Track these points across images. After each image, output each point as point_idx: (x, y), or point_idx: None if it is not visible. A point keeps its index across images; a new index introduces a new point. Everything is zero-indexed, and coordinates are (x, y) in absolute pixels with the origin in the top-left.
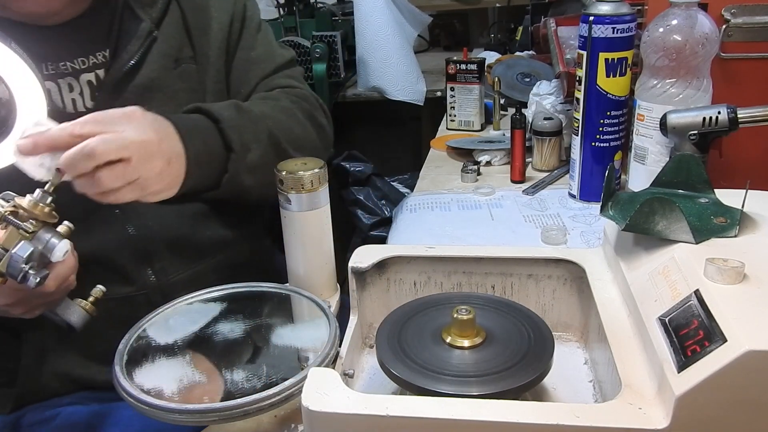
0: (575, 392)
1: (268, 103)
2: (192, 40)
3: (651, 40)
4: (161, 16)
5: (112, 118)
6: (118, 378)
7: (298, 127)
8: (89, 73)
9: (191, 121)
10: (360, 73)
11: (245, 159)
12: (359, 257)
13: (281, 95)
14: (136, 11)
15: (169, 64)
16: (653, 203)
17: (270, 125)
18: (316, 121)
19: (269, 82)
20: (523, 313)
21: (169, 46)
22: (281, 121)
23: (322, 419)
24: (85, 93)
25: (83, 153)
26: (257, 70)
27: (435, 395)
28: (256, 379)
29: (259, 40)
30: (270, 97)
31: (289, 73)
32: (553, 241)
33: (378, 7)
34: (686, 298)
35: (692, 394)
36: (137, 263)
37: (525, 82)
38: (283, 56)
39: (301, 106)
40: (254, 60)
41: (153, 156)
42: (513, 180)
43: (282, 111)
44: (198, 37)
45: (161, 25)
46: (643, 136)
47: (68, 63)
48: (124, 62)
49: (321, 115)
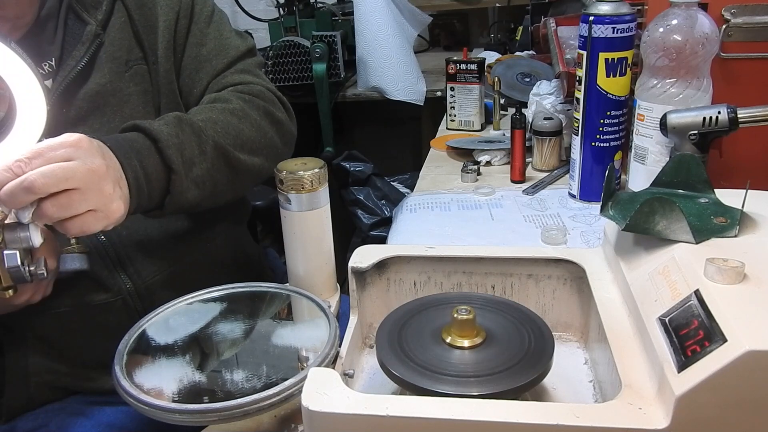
0: (575, 392)
1: (216, 107)
2: (140, 40)
3: (651, 40)
4: (107, 18)
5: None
6: (118, 378)
7: (251, 128)
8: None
9: (128, 142)
10: (360, 73)
11: (190, 175)
12: (359, 257)
13: (232, 96)
14: (81, 14)
15: (119, 68)
16: (653, 203)
17: (216, 133)
18: (273, 117)
19: (220, 80)
20: (523, 313)
21: (118, 49)
22: (230, 126)
23: (322, 419)
24: None
25: (22, 187)
26: (208, 68)
27: (435, 395)
28: (256, 379)
29: (210, 34)
30: (219, 99)
31: (242, 67)
32: (553, 241)
33: (378, 7)
34: (686, 298)
35: (692, 394)
36: (110, 269)
37: (525, 82)
38: (237, 48)
39: (255, 104)
40: (205, 57)
41: (102, 182)
42: (513, 180)
43: (231, 113)
44: (146, 36)
45: (107, 27)
46: (643, 136)
47: None
48: (70, 68)
49: (279, 110)
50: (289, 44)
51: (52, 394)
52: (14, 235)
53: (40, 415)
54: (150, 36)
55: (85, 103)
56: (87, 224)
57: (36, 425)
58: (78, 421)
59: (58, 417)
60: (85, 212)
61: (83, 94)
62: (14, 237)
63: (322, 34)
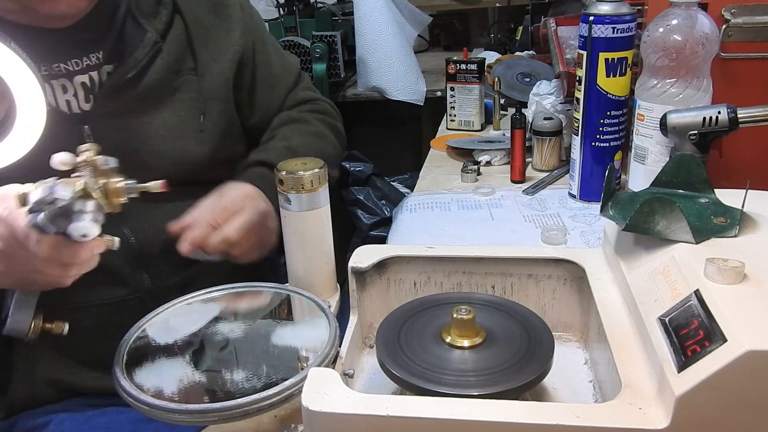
0: (575, 392)
1: (302, 130)
2: (194, 52)
3: (651, 40)
4: (166, 28)
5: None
6: (118, 378)
7: (330, 146)
8: (83, 75)
9: (266, 179)
10: (360, 73)
11: None
12: (359, 257)
13: (311, 117)
14: (140, 21)
15: (170, 75)
16: (653, 203)
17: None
18: (338, 132)
19: (294, 96)
20: (523, 313)
21: (173, 58)
22: (319, 148)
23: (322, 419)
24: (79, 95)
25: (221, 241)
26: (282, 86)
27: (435, 395)
28: (256, 379)
29: (272, 53)
30: (300, 120)
31: (306, 84)
32: (553, 241)
33: (378, 7)
34: (686, 298)
35: (692, 394)
36: (133, 266)
37: (525, 82)
38: (296, 66)
39: (327, 122)
40: (276, 76)
41: (268, 220)
42: (513, 180)
43: (316, 136)
44: (200, 50)
45: (166, 37)
46: (643, 136)
47: (61, 64)
48: (128, 69)
49: (339, 122)
50: (289, 44)
51: (55, 393)
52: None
53: (39, 415)
54: (203, 50)
55: (131, 102)
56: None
57: (35, 425)
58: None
59: (57, 417)
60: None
61: (133, 94)
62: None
63: (322, 34)
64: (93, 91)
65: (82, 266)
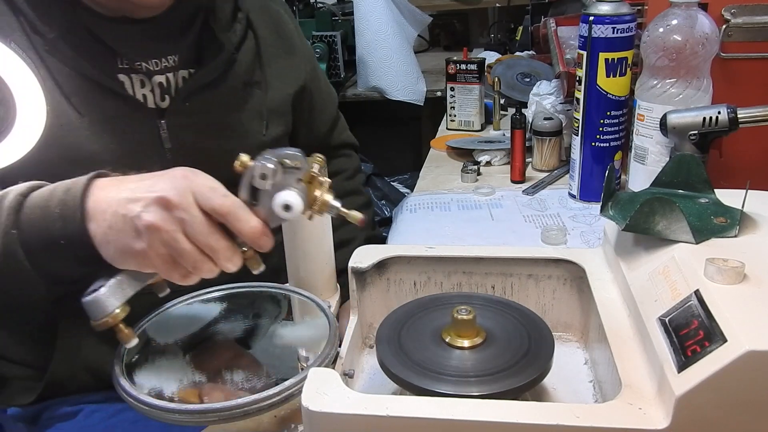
0: (575, 392)
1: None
2: (261, 66)
3: (651, 40)
4: (239, 42)
5: None
6: (117, 378)
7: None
8: (161, 76)
9: None
10: (360, 73)
11: None
12: (359, 257)
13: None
14: (216, 32)
15: (238, 86)
16: (653, 203)
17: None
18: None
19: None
20: (523, 313)
21: (243, 70)
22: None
23: (322, 419)
24: (156, 92)
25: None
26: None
27: (435, 395)
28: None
29: (322, 79)
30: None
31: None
32: (553, 241)
33: (378, 7)
34: (686, 298)
35: (692, 395)
36: None
37: (525, 82)
38: (334, 91)
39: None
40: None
41: None
42: (513, 180)
43: (366, 206)
44: (267, 66)
45: (239, 50)
46: (643, 136)
47: (143, 63)
48: (204, 76)
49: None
50: None
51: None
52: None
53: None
54: (269, 66)
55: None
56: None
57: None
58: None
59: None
60: None
61: (206, 99)
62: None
63: (322, 34)
64: (169, 92)
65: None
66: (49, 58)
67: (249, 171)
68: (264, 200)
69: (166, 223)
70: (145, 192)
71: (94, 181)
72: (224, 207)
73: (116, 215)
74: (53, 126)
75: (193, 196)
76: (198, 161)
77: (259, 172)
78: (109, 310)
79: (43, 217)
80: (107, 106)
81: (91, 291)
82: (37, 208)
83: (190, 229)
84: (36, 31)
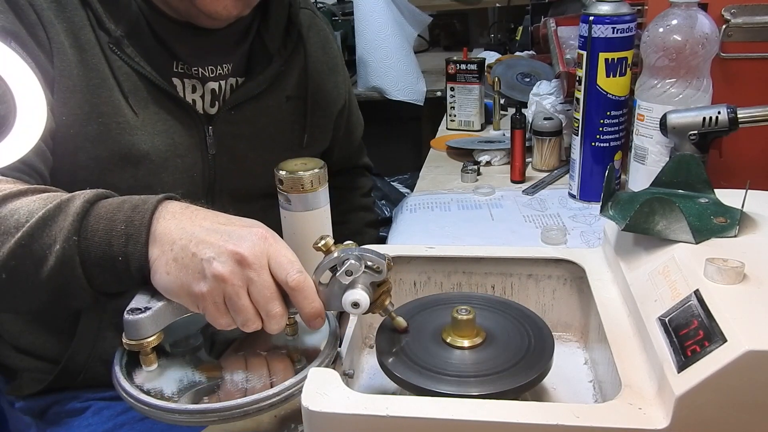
0: (575, 392)
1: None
2: (307, 82)
3: (651, 40)
4: (290, 56)
5: None
6: (117, 378)
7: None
8: (214, 83)
9: None
10: (360, 73)
11: None
12: None
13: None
14: (267, 44)
15: (282, 98)
16: (653, 203)
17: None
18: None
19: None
20: (523, 313)
21: (289, 84)
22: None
23: (322, 419)
24: (206, 99)
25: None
26: (358, 132)
27: (435, 395)
28: (256, 379)
29: (353, 100)
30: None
31: (363, 146)
32: (553, 241)
33: (378, 7)
34: (686, 298)
35: (692, 395)
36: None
37: (525, 82)
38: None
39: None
40: (355, 124)
41: None
42: (513, 180)
43: (373, 224)
44: (312, 82)
45: (289, 64)
46: (643, 136)
47: (200, 69)
48: (254, 86)
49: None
50: None
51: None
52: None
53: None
54: (313, 83)
55: (249, 114)
56: None
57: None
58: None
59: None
60: None
61: (253, 108)
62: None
63: None
64: (218, 98)
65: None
66: (111, 56)
67: (331, 258)
68: (334, 288)
69: (235, 277)
70: (222, 239)
71: (164, 203)
72: (298, 284)
73: (185, 250)
74: (110, 123)
75: (268, 260)
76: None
77: (346, 269)
78: (148, 334)
79: (106, 230)
80: (161, 107)
81: (134, 310)
82: (102, 219)
83: (254, 289)
84: (102, 27)
